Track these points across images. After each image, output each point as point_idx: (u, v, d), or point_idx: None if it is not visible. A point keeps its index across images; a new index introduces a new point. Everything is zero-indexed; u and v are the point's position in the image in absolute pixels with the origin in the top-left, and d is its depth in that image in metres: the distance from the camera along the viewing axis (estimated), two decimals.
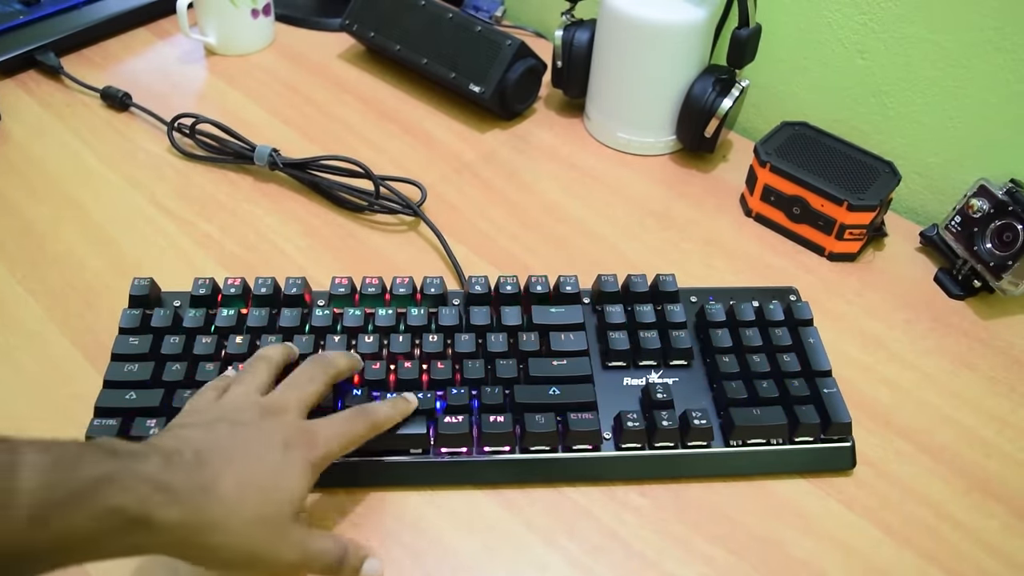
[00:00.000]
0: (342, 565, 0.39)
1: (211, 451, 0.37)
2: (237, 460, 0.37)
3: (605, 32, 0.69)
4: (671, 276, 0.55)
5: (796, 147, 0.64)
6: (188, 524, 0.34)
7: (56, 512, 0.30)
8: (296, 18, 0.88)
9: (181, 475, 0.35)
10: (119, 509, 0.32)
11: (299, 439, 0.40)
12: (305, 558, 0.38)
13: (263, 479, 0.37)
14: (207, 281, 0.53)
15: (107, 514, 0.32)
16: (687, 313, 0.55)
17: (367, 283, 0.54)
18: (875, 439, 0.51)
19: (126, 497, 0.32)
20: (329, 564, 0.39)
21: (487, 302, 0.54)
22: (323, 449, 0.40)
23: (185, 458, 0.36)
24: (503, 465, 0.47)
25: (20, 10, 0.81)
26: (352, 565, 0.40)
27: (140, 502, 0.33)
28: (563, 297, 0.54)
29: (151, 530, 0.33)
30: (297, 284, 0.53)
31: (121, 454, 0.33)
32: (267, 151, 0.66)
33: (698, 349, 0.53)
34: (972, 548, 0.46)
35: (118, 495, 0.32)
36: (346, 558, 0.40)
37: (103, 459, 0.33)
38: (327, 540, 0.40)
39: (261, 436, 0.39)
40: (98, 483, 0.32)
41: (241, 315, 0.52)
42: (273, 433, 0.39)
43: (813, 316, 0.54)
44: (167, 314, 0.51)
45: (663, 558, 0.44)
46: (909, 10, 0.64)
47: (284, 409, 0.41)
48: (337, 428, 0.42)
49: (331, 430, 0.41)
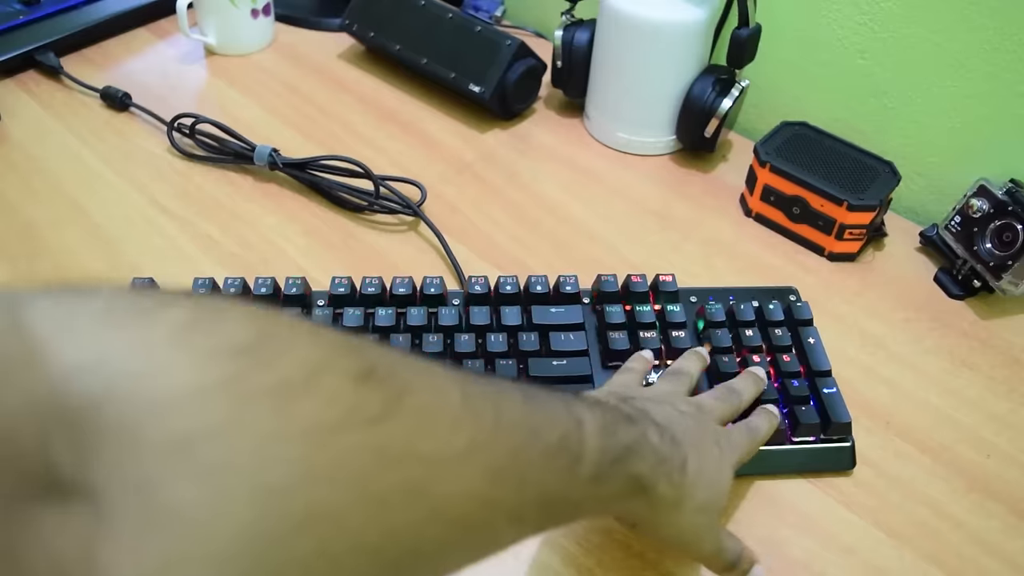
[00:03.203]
0: (737, 566, 0.41)
1: (677, 432, 0.38)
2: (693, 448, 0.38)
3: (605, 32, 0.69)
4: (671, 276, 0.55)
5: (796, 147, 0.64)
6: (667, 499, 0.36)
7: (605, 473, 0.32)
8: (296, 18, 0.88)
9: (669, 450, 0.36)
10: (638, 476, 0.34)
11: (725, 442, 0.41)
12: (716, 551, 0.40)
13: (711, 470, 0.38)
14: (207, 281, 0.53)
15: (631, 479, 0.33)
16: (687, 313, 0.55)
17: (367, 283, 0.54)
18: (875, 439, 0.51)
19: (642, 466, 0.34)
20: (728, 562, 0.40)
21: (487, 302, 0.54)
22: (738, 455, 0.42)
23: (665, 432, 0.37)
24: None
25: (20, 10, 0.81)
26: (743, 568, 0.41)
27: (651, 471, 0.34)
28: (563, 297, 0.54)
29: (648, 498, 0.35)
30: (297, 284, 0.53)
31: (634, 421, 0.35)
32: (267, 151, 0.66)
33: (695, 345, 0.53)
34: (972, 548, 0.46)
35: (638, 463, 0.34)
36: (741, 560, 0.41)
37: (628, 426, 0.34)
38: (733, 540, 0.41)
39: (702, 432, 0.40)
40: (628, 449, 0.33)
41: None
42: (709, 431, 0.41)
43: (813, 316, 0.54)
44: None
45: (663, 558, 0.44)
46: (909, 10, 0.64)
47: (711, 411, 0.43)
48: (744, 438, 0.43)
49: (741, 439, 0.43)
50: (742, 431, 0.44)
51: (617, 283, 0.54)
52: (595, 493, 0.32)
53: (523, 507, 0.28)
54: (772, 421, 0.46)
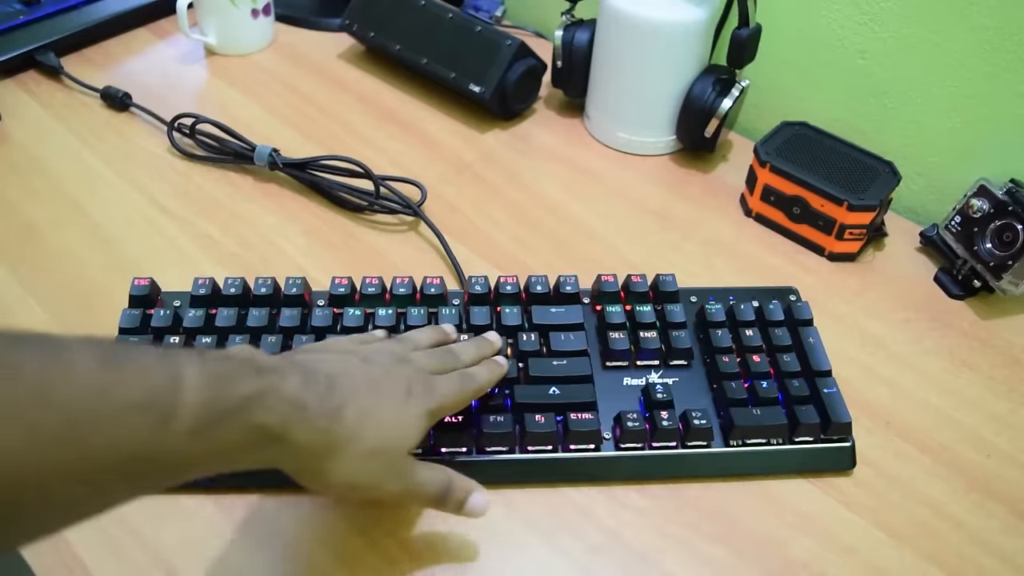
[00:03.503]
0: (446, 497, 0.40)
1: (341, 378, 0.38)
2: (362, 394, 0.38)
3: (605, 32, 0.69)
4: (671, 276, 0.55)
5: (796, 147, 0.64)
6: (312, 447, 0.36)
7: (212, 427, 0.31)
8: (296, 18, 0.88)
9: (314, 398, 0.36)
10: (263, 427, 0.33)
11: (421, 388, 0.41)
12: (409, 488, 0.39)
13: (383, 417, 0.38)
14: (207, 281, 0.53)
15: (252, 430, 0.33)
16: (687, 313, 0.55)
17: (367, 283, 0.54)
18: (875, 439, 0.51)
19: (269, 416, 0.34)
20: (434, 495, 0.40)
21: (487, 302, 0.54)
22: (439, 401, 0.41)
23: (319, 380, 0.37)
24: (503, 465, 0.47)
25: (20, 10, 0.81)
26: (457, 498, 0.41)
27: (281, 421, 0.34)
28: (563, 297, 0.54)
29: (284, 447, 0.35)
30: (297, 284, 0.53)
31: (265, 372, 0.35)
32: (267, 151, 0.66)
33: (698, 349, 0.53)
34: (972, 548, 0.46)
35: (263, 414, 0.33)
36: (451, 491, 0.40)
37: (251, 377, 0.34)
38: (435, 471, 0.41)
39: (388, 378, 0.40)
40: (248, 401, 0.33)
41: (241, 315, 0.52)
42: (399, 377, 0.41)
43: (813, 316, 0.54)
44: (167, 314, 0.51)
45: (663, 558, 0.44)
46: (909, 10, 0.64)
47: (414, 362, 0.43)
48: (453, 386, 0.43)
49: (448, 387, 0.43)
50: (452, 378, 0.43)
51: (617, 283, 0.54)
52: (203, 448, 0.31)
53: (94, 470, 0.28)
54: (495, 371, 0.46)
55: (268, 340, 0.50)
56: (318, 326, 0.51)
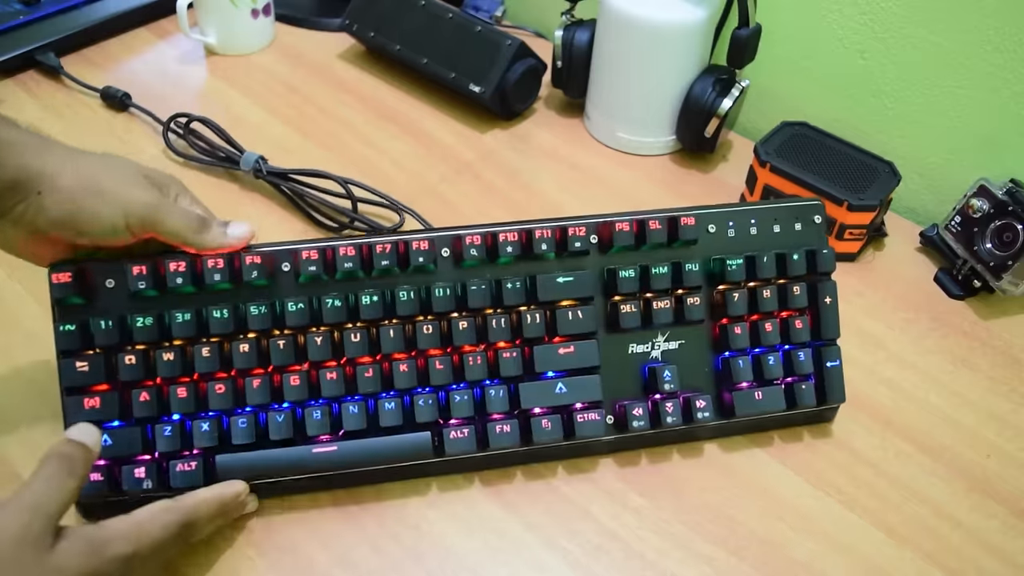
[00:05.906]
0: None
1: None
2: None
3: (605, 32, 0.69)
4: (692, 219, 0.49)
5: (796, 147, 0.64)
6: None
7: None
8: (296, 18, 0.88)
9: None
10: None
11: None
12: None
13: None
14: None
15: None
16: (703, 273, 0.50)
17: (341, 255, 0.47)
18: (875, 439, 0.51)
19: None
20: None
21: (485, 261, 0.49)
22: None
23: None
24: (502, 456, 0.47)
25: (20, 10, 0.81)
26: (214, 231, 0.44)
27: None
28: (571, 256, 0.50)
29: None
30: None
31: None
32: (253, 158, 0.65)
33: (708, 311, 0.50)
34: (972, 548, 0.46)
35: None
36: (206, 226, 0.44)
37: None
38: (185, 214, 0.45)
39: None
40: None
41: None
42: None
43: (835, 267, 0.51)
44: None
45: (663, 558, 0.44)
46: (909, 10, 0.64)
47: None
48: None
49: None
50: None
51: (631, 232, 0.49)
52: None
53: None
54: None
55: None
56: None
